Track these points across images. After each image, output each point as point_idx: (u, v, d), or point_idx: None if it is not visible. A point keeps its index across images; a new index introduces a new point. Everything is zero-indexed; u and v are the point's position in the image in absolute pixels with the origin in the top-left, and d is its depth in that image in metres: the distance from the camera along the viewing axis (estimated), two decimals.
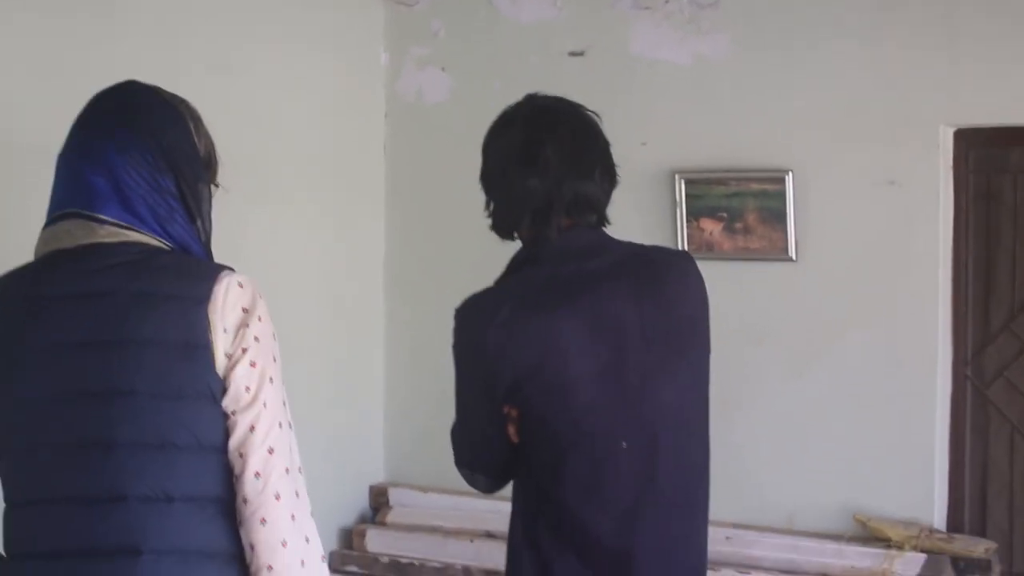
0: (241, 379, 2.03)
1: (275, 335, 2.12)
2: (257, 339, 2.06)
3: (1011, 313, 4.46)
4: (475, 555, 4.84)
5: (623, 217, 2.67)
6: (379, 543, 5.06)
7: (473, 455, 2.60)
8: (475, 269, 3.37)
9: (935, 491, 4.47)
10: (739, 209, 4.64)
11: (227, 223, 2.53)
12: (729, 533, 4.50)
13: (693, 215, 4.72)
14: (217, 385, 2.02)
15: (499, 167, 2.55)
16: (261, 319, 2.08)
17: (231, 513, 2.04)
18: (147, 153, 2.11)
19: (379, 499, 5.29)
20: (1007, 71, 4.28)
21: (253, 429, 2.03)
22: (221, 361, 2.03)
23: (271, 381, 2.07)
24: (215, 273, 2.08)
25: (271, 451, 2.03)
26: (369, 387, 5.37)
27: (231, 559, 2.04)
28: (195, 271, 2.09)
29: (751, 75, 4.68)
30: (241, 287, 2.08)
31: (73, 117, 2.21)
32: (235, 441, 2.03)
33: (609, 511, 2.47)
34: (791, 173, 4.55)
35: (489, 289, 2.55)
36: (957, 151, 4.47)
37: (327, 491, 4.62)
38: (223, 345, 2.03)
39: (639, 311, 2.47)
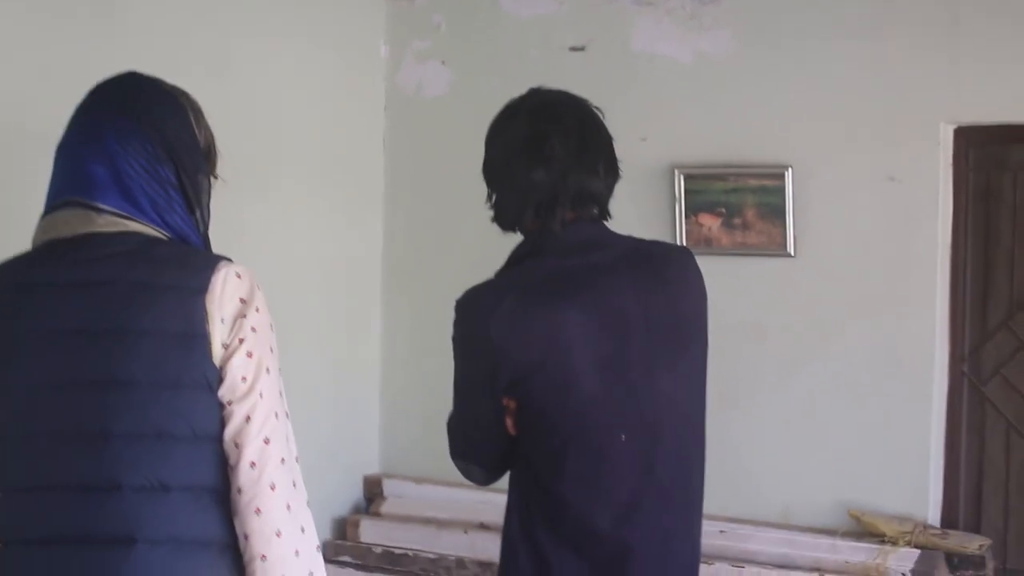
0: (238, 369, 2.03)
1: (272, 326, 2.12)
2: (254, 329, 2.06)
3: (1009, 311, 4.47)
4: (469, 546, 4.84)
5: (622, 211, 2.67)
6: (373, 534, 5.06)
7: (470, 447, 2.60)
8: (472, 262, 3.37)
9: (930, 487, 4.47)
10: (738, 205, 4.64)
11: (225, 215, 2.53)
12: (724, 527, 4.51)
13: (692, 210, 4.72)
14: (214, 375, 2.02)
15: (503, 159, 2.55)
16: (259, 310, 2.08)
17: (226, 503, 2.04)
18: (147, 143, 2.11)
19: (373, 490, 5.30)
20: (1008, 69, 4.28)
21: (249, 419, 2.03)
22: (218, 351, 2.03)
23: (268, 371, 2.07)
24: (213, 263, 2.08)
25: (267, 441, 2.03)
26: (365, 378, 5.38)
27: (225, 548, 2.04)
28: (193, 261, 2.09)
29: (751, 71, 4.68)
30: (239, 277, 2.08)
31: (74, 111, 2.21)
32: (231, 431, 2.03)
33: (607, 503, 2.47)
34: (790, 169, 4.55)
35: (491, 281, 2.55)
36: (957, 149, 4.47)
37: (321, 481, 4.62)
38: (220, 335, 2.03)
39: (640, 305, 2.48)
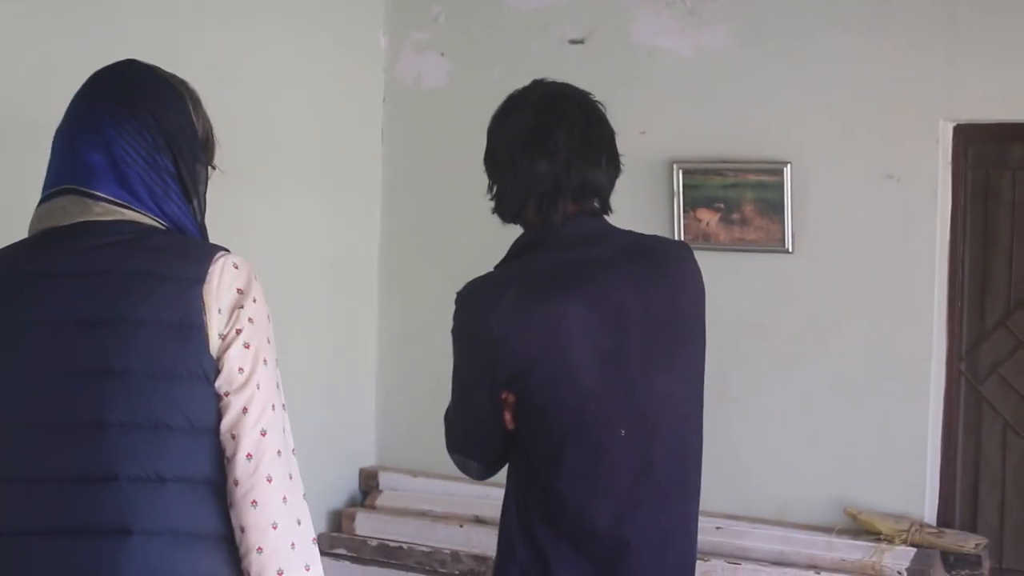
0: (235, 360, 2.02)
1: (270, 317, 2.11)
2: (251, 320, 2.05)
3: (1007, 310, 4.46)
4: (464, 540, 4.84)
5: (620, 205, 2.66)
6: (368, 526, 5.05)
7: (467, 441, 2.60)
8: (470, 254, 3.38)
9: (927, 486, 4.47)
10: (736, 200, 4.63)
11: (223, 205, 2.52)
12: (720, 523, 4.50)
13: (690, 205, 4.71)
14: (210, 366, 2.02)
15: (507, 150, 2.54)
16: (256, 300, 2.07)
17: (222, 494, 2.03)
18: (145, 131, 2.11)
19: (369, 482, 5.29)
20: (1007, 67, 4.27)
21: (246, 411, 2.02)
22: (215, 342, 2.02)
23: (265, 363, 2.06)
24: (210, 254, 2.07)
25: (264, 433, 2.02)
26: (361, 371, 5.37)
27: (221, 540, 2.03)
28: (191, 251, 2.08)
29: (751, 66, 4.67)
30: (236, 268, 2.07)
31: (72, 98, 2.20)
32: (227, 422, 2.02)
33: (606, 499, 2.47)
34: (789, 165, 4.54)
35: (491, 274, 2.54)
36: (956, 146, 4.46)
37: (317, 473, 4.61)
38: (217, 326, 2.02)
39: (640, 299, 2.48)
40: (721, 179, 4.67)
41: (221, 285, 2.04)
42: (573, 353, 2.42)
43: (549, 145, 2.49)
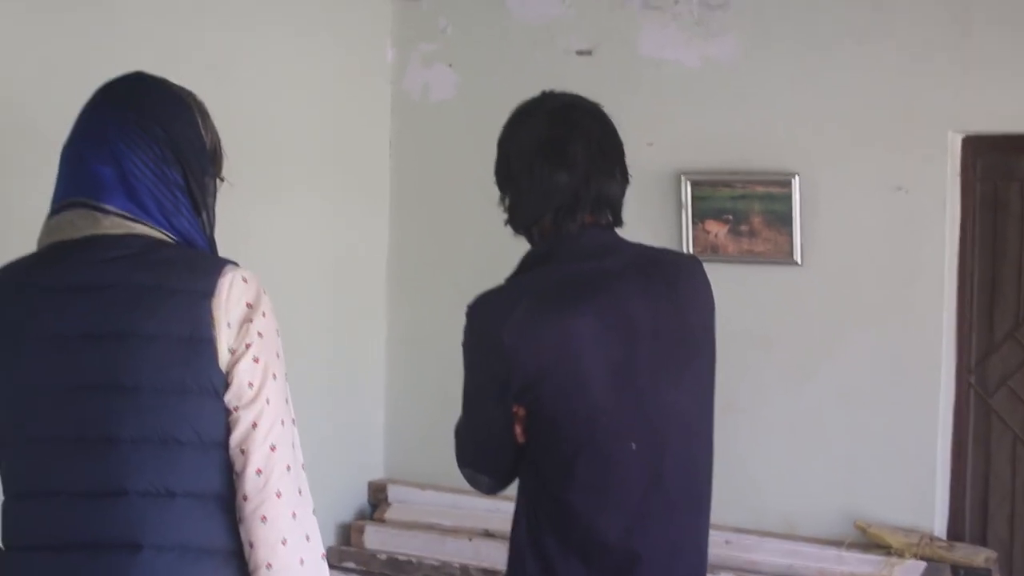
0: (244, 375, 2.02)
1: (279, 331, 2.11)
2: (261, 335, 2.05)
3: (1016, 322, 4.44)
4: (473, 554, 4.82)
5: (629, 217, 2.65)
6: (377, 540, 5.04)
7: (478, 455, 2.59)
8: (478, 266, 3.38)
9: (936, 499, 4.45)
10: (745, 212, 4.62)
11: (231, 218, 2.51)
12: (729, 537, 4.49)
13: (698, 217, 4.70)
14: (220, 380, 2.01)
15: (522, 161, 2.53)
16: (265, 315, 2.07)
17: (231, 509, 2.03)
18: (154, 144, 2.10)
19: (378, 495, 5.28)
20: (1017, 78, 4.26)
21: (255, 426, 2.02)
22: (224, 356, 2.02)
23: (274, 377, 2.06)
24: (219, 267, 2.07)
25: (273, 448, 2.02)
26: (370, 383, 5.36)
27: (230, 556, 2.03)
28: (200, 265, 2.08)
29: (759, 78, 4.66)
30: (245, 282, 2.07)
31: (75, 108, 2.20)
32: (237, 437, 2.02)
33: (617, 512, 2.46)
34: (797, 176, 4.53)
35: (503, 286, 2.53)
36: (965, 158, 4.45)
37: (326, 486, 4.59)
38: (226, 340, 2.02)
39: (650, 312, 2.47)
40: (729, 191, 4.66)
41: (230, 299, 2.04)
42: (584, 365, 2.41)
43: (568, 156, 2.48)
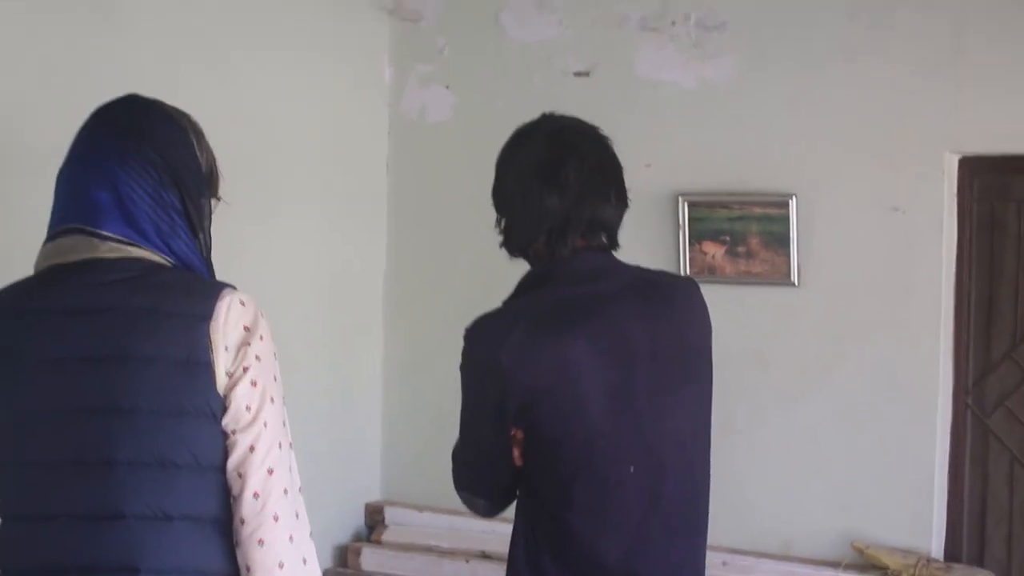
0: (242, 398, 2.02)
1: (276, 354, 2.11)
2: (258, 358, 2.05)
3: (1013, 342, 4.44)
4: None
5: (625, 238, 2.66)
6: (374, 561, 5.03)
7: (475, 478, 2.59)
8: (475, 287, 3.38)
9: (933, 520, 4.44)
10: (742, 233, 4.63)
11: (227, 238, 2.52)
12: (726, 558, 4.48)
13: (696, 238, 4.71)
14: (217, 403, 2.01)
15: (517, 184, 2.53)
16: (263, 338, 2.07)
17: (229, 533, 2.03)
18: (151, 168, 2.10)
19: (375, 517, 5.27)
20: (1013, 99, 4.27)
21: (253, 449, 2.01)
22: (222, 379, 2.02)
23: (272, 401, 2.05)
24: (217, 291, 2.07)
25: (270, 472, 2.02)
26: (366, 405, 5.35)
27: None
28: (197, 288, 2.08)
29: (756, 99, 4.66)
30: (243, 305, 2.07)
31: (74, 121, 2.20)
32: (234, 461, 2.01)
33: (615, 534, 2.46)
34: (795, 198, 4.54)
35: (500, 309, 2.53)
36: (961, 179, 4.45)
37: (323, 508, 4.59)
38: (224, 363, 2.02)
39: (648, 335, 2.47)
40: (727, 212, 4.66)
41: (228, 322, 2.04)
42: (582, 388, 2.41)
43: (559, 179, 2.48)
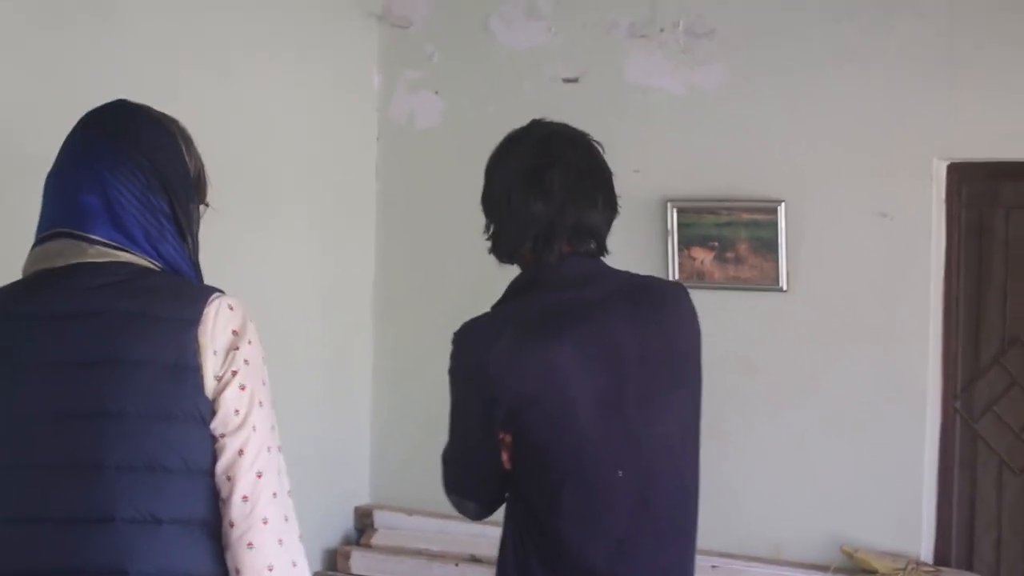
0: (231, 402, 2.02)
1: (264, 359, 2.11)
2: (247, 362, 2.05)
3: (1001, 347, 4.46)
4: None
5: (614, 244, 2.66)
6: (363, 565, 5.03)
7: (464, 481, 2.59)
8: (464, 292, 3.38)
9: (923, 524, 4.45)
10: (731, 239, 4.64)
11: (216, 242, 2.52)
12: (716, 562, 4.49)
13: (684, 244, 4.72)
14: (206, 407, 2.01)
15: (503, 191, 2.54)
16: (251, 342, 2.07)
17: (218, 536, 2.03)
18: (140, 172, 2.11)
19: (364, 521, 5.27)
20: (1002, 106, 4.28)
21: (242, 453, 2.02)
22: (210, 383, 2.02)
23: (260, 405, 2.06)
24: (205, 295, 2.07)
25: (259, 475, 2.02)
26: (356, 408, 5.36)
27: None
28: (186, 293, 2.08)
29: (745, 105, 4.68)
30: (231, 309, 2.07)
31: (67, 123, 2.20)
32: (223, 464, 2.02)
33: (604, 539, 2.46)
34: (783, 203, 4.55)
35: (488, 314, 2.54)
36: (950, 185, 4.47)
37: (312, 512, 4.59)
38: (213, 367, 2.02)
39: (637, 340, 2.48)
40: (715, 217, 4.67)
41: (216, 327, 2.04)
42: (571, 394, 2.42)
43: (544, 186, 2.49)
